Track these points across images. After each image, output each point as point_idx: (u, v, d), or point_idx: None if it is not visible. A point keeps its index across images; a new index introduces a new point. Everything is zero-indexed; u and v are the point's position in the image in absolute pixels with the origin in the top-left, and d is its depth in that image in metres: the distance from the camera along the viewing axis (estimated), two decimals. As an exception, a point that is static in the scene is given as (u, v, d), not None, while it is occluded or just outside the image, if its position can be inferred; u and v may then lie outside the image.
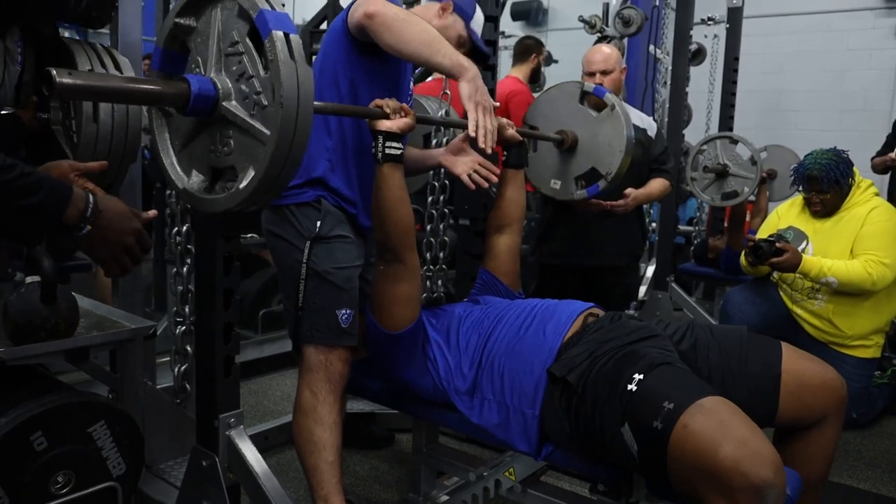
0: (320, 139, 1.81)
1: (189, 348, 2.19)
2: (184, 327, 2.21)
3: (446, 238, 2.65)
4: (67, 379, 2.03)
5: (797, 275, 2.88)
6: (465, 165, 1.98)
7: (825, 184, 2.90)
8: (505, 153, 2.06)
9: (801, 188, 3.04)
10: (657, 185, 2.89)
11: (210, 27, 1.21)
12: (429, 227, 2.62)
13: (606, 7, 4.46)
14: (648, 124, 2.97)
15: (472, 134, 1.68)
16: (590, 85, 2.31)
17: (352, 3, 1.74)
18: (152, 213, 1.23)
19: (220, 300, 1.69)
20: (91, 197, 1.09)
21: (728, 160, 3.95)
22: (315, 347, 1.79)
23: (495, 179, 1.98)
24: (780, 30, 6.28)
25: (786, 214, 3.16)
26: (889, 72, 5.86)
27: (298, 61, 1.13)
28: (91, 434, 1.53)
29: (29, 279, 1.62)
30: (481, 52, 2.03)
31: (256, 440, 2.00)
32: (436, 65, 1.68)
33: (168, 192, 2.29)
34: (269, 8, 1.14)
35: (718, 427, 1.22)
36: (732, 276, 4.21)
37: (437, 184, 2.58)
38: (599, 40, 4.29)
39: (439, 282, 2.67)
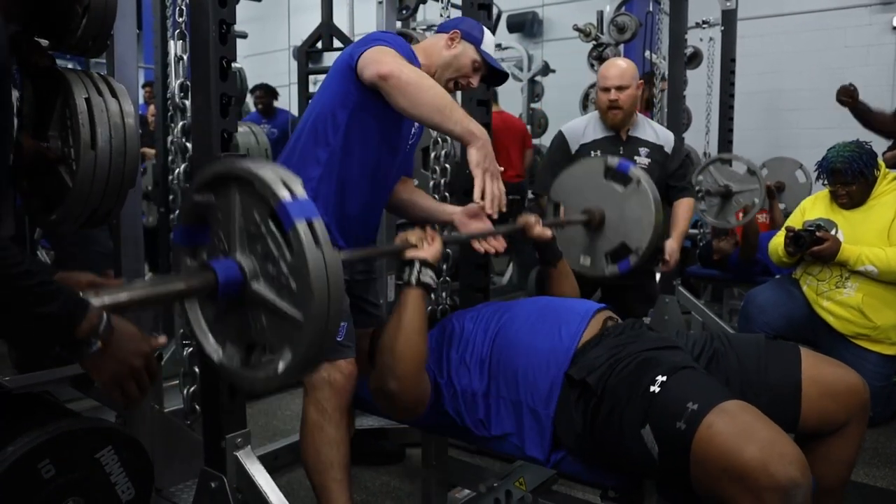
0: (306, 168, 1.81)
1: (197, 369, 2.19)
2: (191, 349, 2.21)
3: (449, 250, 2.65)
4: (76, 406, 2.04)
5: (830, 265, 2.86)
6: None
7: (849, 176, 2.89)
8: (538, 253, 2.05)
9: (825, 182, 3.03)
10: (684, 212, 2.84)
11: (230, 205, 1.17)
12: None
13: (600, 15, 4.48)
14: (665, 140, 2.89)
15: (478, 200, 1.66)
16: (614, 160, 2.28)
17: (360, 45, 1.74)
18: (163, 339, 1.17)
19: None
20: (105, 315, 1.05)
21: (728, 180, 3.96)
22: None
23: (501, 250, 1.95)
24: (776, 30, 6.29)
25: (812, 208, 3.14)
26: (887, 67, 5.85)
27: (324, 246, 1.09)
28: (99, 460, 1.53)
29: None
30: (499, 73, 2.02)
31: (266, 460, 2.00)
32: (447, 131, 1.67)
33: (171, 215, 2.31)
34: (290, 198, 1.09)
35: (743, 428, 1.22)
36: (741, 279, 4.22)
37: (437, 196, 2.59)
38: (594, 48, 4.31)
39: (444, 294, 2.66)
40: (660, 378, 1.37)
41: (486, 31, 1.99)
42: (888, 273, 2.76)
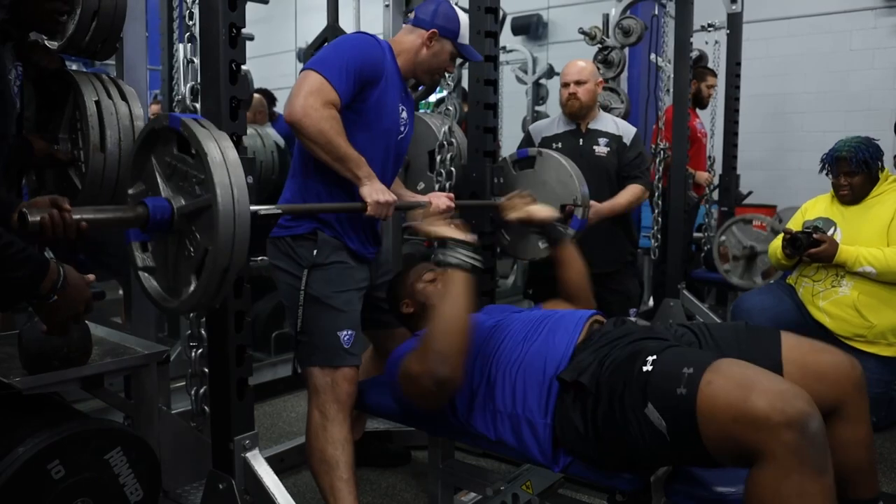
0: (307, 182, 1.90)
1: (206, 370, 2.20)
2: (200, 350, 2.21)
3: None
4: (83, 407, 2.04)
5: (827, 266, 2.85)
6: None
7: (854, 164, 2.88)
8: (544, 241, 2.18)
9: (829, 173, 3.03)
10: (627, 193, 2.97)
11: (153, 173, 1.43)
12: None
13: (606, 18, 4.47)
14: (625, 132, 3.05)
15: (371, 213, 1.81)
16: (512, 155, 2.54)
17: (310, 61, 1.85)
18: (91, 277, 1.34)
19: (232, 323, 1.70)
20: (62, 271, 1.21)
21: (752, 240, 3.96)
22: (321, 369, 1.83)
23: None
24: (782, 33, 6.27)
25: (812, 208, 3.14)
26: (892, 71, 5.84)
27: (209, 127, 1.36)
28: (108, 461, 1.54)
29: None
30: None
31: (273, 462, 2.00)
32: (343, 176, 1.81)
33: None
34: (177, 114, 1.41)
35: (741, 378, 1.27)
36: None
37: (443, 200, 2.59)
38: (600, 51, 4.31)
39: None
40: (650, 357, 1.41)
41: (462, 18, 2.04)
42: (887, 273, 2.75)
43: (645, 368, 1.39)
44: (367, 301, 2.00)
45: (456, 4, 2.09)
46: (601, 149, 3.00)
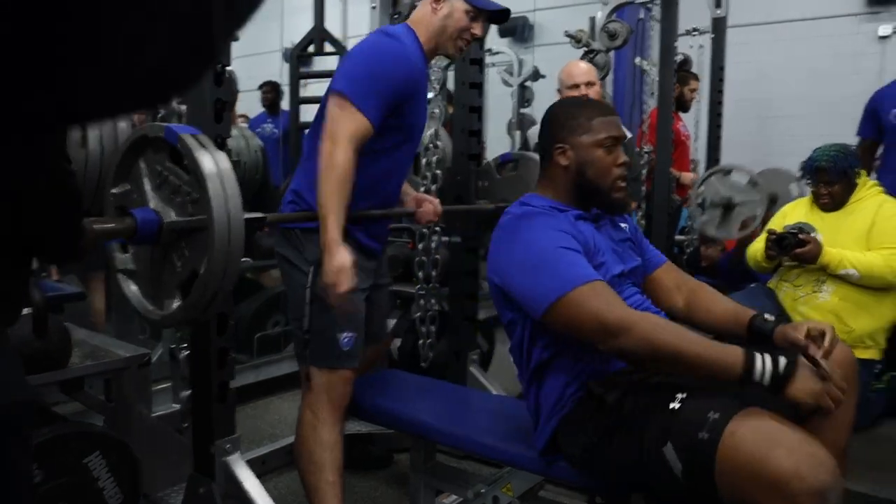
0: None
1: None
2: (188, 352, 2.20)
3: (438, 256, 2.65)
4: (62, 410, 2.03)
5: (807, 270, 2.89)
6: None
7: (833, 175, 2.93)
8: None
9: (809, 181, 3.07)
10: None
11: (140, 178, 1.42)
12: (420, 246, 2.63)
13: (592, 21, 4.49)
14: None
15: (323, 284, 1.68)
16: (496, 159, 2.55)
17: (338, 74, 1.77)
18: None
19: (214, 326, 1.70)
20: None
21: (729, 191, 4.00)
22: (317, 369, 1.81)
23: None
24: (766, 38, 6.33)
25: (792, 213, 3.18)
26: (874, 75, 5.90)
27: (208, 146, 1.33)
28: (87, 465, 1.53)
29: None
30: (500, 14, 1.91)
31: (254, 465, 2.00)
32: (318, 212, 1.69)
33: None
34: (173, 126, 1.38)
35: (769, 433, 1.21)
36: (729, 281, 4.23)
37: (428, 202, 2.59)
38: (586, 54, 4.32)
39: (432, 300, 2.67)
40: (679, 395, 1.34)
41: None
42: (868, 277, 2.80)
43: (672, 405, 1.33)
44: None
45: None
46: None
